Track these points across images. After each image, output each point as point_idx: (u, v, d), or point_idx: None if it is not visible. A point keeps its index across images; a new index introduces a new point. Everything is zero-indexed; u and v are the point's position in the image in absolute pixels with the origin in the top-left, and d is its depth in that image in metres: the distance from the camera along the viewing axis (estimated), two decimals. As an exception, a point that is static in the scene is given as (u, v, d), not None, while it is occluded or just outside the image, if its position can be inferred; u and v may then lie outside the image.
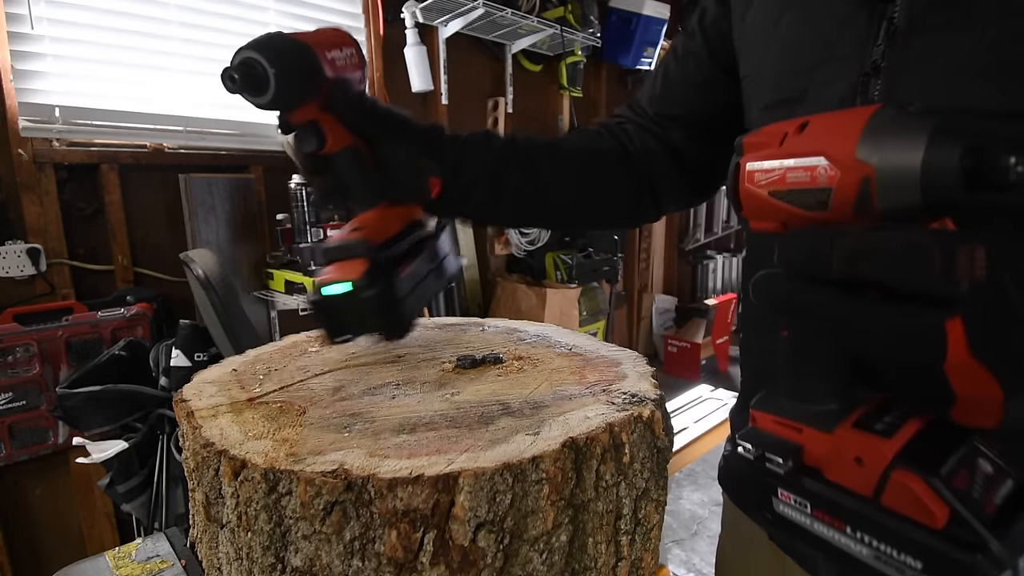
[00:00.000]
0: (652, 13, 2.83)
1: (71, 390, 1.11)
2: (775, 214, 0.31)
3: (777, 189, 0.31)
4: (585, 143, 0.65)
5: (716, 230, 4.35)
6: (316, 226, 1.68)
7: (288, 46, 0.46)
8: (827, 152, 0.29)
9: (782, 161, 0.31)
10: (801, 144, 0.30)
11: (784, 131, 0.32)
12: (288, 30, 0.49)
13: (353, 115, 0.49)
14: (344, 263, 0.47)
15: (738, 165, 0.33)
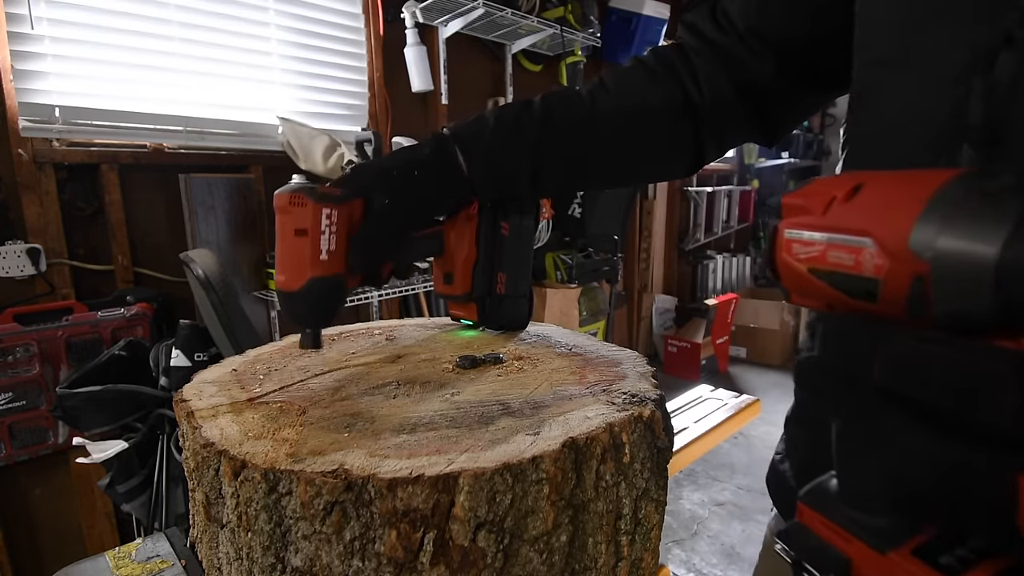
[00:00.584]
0: (652, 13, 2.83)
1: (71, 390, 1.11)
2: (817, 294, 0.27)
3: (818, 267, 0.26)
4: (636, 98, 0.54)
5: (716, 230, 4.35)
6: (316, 226, 1.68)
7: (313, 304, 0.47)
8: (875, 233, 0.23)
9: (824, 235, 0.26)
10: (848, 216, 0.25)
11: (832, 194, 0.26)
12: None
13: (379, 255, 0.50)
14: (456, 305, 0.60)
15: (776, 229, 0.28)
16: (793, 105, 0.55)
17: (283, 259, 0.46)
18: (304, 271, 0.45)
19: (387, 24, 2.06)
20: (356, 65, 2.05)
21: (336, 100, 2.03)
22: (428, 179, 0.50)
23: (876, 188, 0.25)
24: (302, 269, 0.45)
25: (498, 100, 2.48)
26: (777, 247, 0.28)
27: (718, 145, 0.57)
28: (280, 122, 1.79)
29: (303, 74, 1.92)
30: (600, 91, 0.55)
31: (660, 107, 0.54)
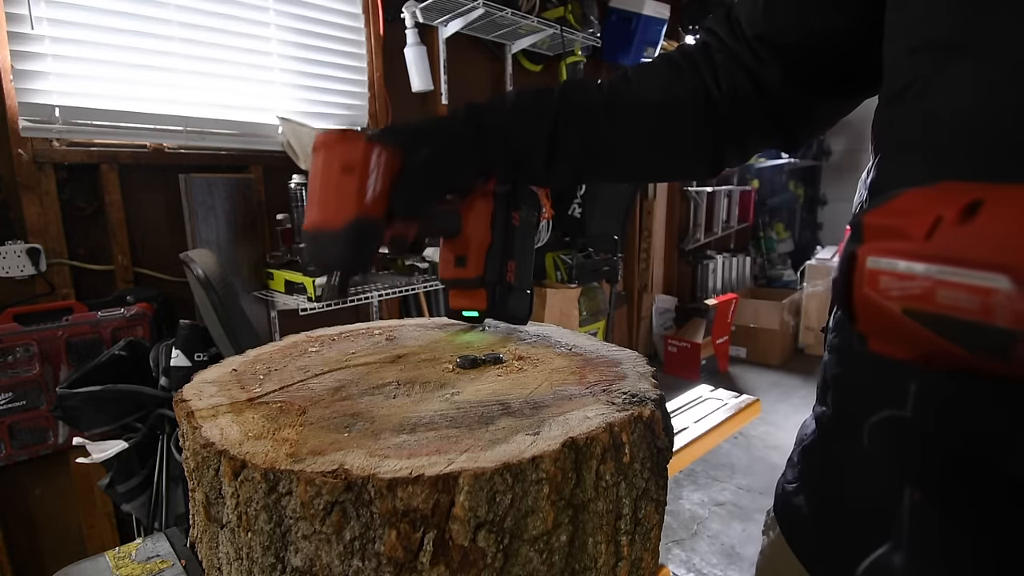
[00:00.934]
0: (652, 13, 2.83)
1: (71, 390, 1.11)
2: (912, 340, 0.21)
3: (918, 309, 0.20)
4: (657, 91, 0.54)
5: (716, 230, 4.35)
6: (316, 226, 1.68)
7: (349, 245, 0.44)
8: (1014, 269, 0.17)
9: (931, 267, 0.20)
10: (967, 244, 0.19)
11: (937, 212, 0.20)
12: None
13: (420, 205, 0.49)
14: (466, 293, 0.56)
15: (854, 256, 0.22)
16: (807, 114, 0.53)
17: (324, 197, 0.44)
18: (349, 209, 0.43)
19: (387, 24, 2.06)
20: (356, 65, 2.06)
21: (336, 100, 2.03)
22: (460, 142, 0.51)
23: (1006, 207, 0.19)
24: (347, 207, 0.43)
25: (498, 100, 2.48)
26: (856, 280, 0.22)
27: (739, 145, 0.56)
28: (280, 122, 1.79)
29: (303, 74, 1.92)
30: (621, 81, 0.55)
31: (681, 101, 0.53)
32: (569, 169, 0.55)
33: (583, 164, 0.55)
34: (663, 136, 0.55)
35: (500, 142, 0.52)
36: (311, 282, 1.57)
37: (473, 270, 0.55)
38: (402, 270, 1.93)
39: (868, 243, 0.22)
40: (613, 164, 0.56)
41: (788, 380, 3.72)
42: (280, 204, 1.75)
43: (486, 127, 0.51)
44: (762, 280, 5.05)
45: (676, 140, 0.55)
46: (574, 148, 0.53)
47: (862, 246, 0.22)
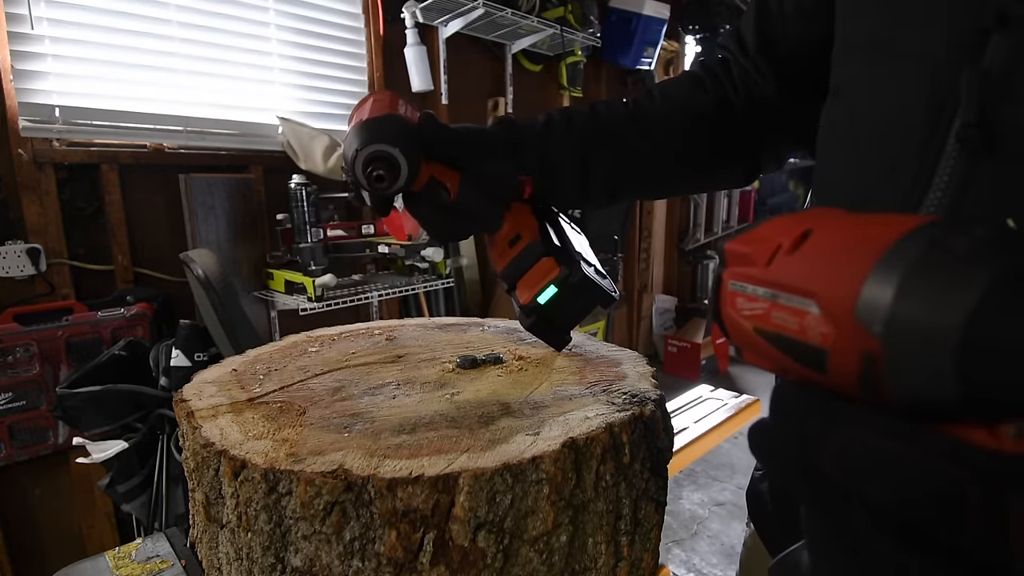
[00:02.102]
0: (652, 13, 2.83)
1: (71, 390, 1.11)
2: (766, 355, 0.23)
3: (762, 327, 0.22)
4: (682, 103, 0.55)
5: (716, 230, 4.35)
6: (316, 226, 1.68)
7: (394, 124, 0.46)
8: (819, 295, 0.19)
9: (767, 290, 0.22)
10: (791, 270, 0.21)
11: (778, 241, 0.22)
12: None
13: (451, 147, 0.49)
14: (531, 272, 0.49)
15: (720, 279, 0.25)
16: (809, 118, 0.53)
17: (361, 112, 0.47)
18: (384, 110, 0.47)
19: (387, 24, 2.06)
20: (356, 65, 2.05)
21: (336, 100, 2.03)
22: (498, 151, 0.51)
23: (825, 237, 0.21)
24: (383, 109, 0.47)
25: (498, 100, 2.48)
26: (721, 300, 0.24)
27: (771, 152, 0.57)
28: (280, 122, 1.79)
29: (303, 74, 1.92)
30: (645, 96, 0.56)
31: (706, 112, 0.54)
32: (604, 188, 0.54)
33: (617, 182, 0.54)
34: (692, 148, 0.55)
35: (534, 158, 0.52)
36: (311, 282, 1.57)
37: (530, 236, 0.50)
38: (402, 270, 1.93)
39: (729, 267, 0.24)
40: (646, 179, 0.56)
41: (788, 380, 3.71)
42: (280, 204, 1.75)
43: (521, 141, 0.52)
44: (762, 280, 5.05)
45: (705, 151, 0.55)
46: (607, 166, 0.53)
47: (725, 270, 0.24)
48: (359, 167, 0.44)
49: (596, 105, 0.55)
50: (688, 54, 3.69)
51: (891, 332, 0.17)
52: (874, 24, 0.38)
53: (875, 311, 0.17)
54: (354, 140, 0.45)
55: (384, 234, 1.85)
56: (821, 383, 0.20)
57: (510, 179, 0.51)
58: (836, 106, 0.42)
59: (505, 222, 0.51)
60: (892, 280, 0.17)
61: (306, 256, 1.66)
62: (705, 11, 3.33)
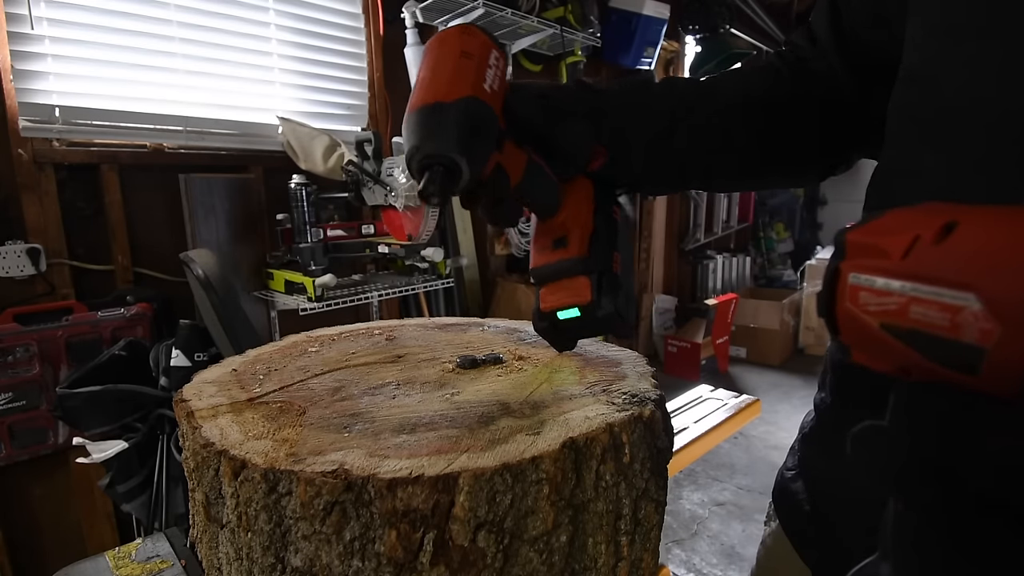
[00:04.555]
0: (652, 13, 2.83)
1: (71, 390, 1.11)
2: (890, 355, 0.21)
3: (894, 324, 0.21)
4: (756, 96, 0.51)
5: (716, 230, 4.35)
6: (316, 226, 1.68)
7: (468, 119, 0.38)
8: (983, 289, 0.18)
9: (904, 284, 0.20)
10: (941, 263, 0.20)
11: (915, 232, 0.21)
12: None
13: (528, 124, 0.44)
14: (563, 283, 0.46)
15: (837, 271, 0.23)
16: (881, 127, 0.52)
17: (436, 77, 0.39)
18: (464, 88, 0.38)
19: (387, 24, 2.06)
20: (356, 65, 2.05)
21: (336, 100, 2.03)
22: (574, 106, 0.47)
23: (979, 228, 0.19)
24: (462, 86, 0.38)
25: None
26: (839, 294, 0.23)
27: (843, 154, 0.54)
28: (280, 122, 1.79)
29: (303, 74, 1.92)
30: (718, 81, 0.53)
31: (792, 100, 0.51)
32: (675, 168, 0.51)
33: (690, 164, 0.51)
34: (776, 140, 0.52)
35: (610, 122, 0.47)
36: (311, 282, 1.57)
37: (576, 249, 0.46)
38: (402, 270, 1.93)
39: (850, 259, 0.23)
40: (721, 166, 0.52)
41: (788, 380, 3.72)
42: (280, 204, 1.75)
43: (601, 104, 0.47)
44: (762, 280, 5.05)
45: (787, 144, 0.52)
46: (684, 151, 0.50)
47: (844, 262, 0.23)
48: (414, 167, 0.38)
49: (678, 83, 0.51)
50: (688, 54, 3.69)
51: None
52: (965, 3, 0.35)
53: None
54: (415, 131, 0.37)
55: (384, 234, 1.85)
56: (965, 384, 0.19)
57: (582, 148, 0.46)
58: (910, 91, 0.40)
59: (561, 209, 0.47)
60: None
61: (306, 256, 1.66)
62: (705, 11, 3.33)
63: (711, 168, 0.52)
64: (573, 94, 0.47)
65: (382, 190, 1.62)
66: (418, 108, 0.38)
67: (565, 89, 0.47)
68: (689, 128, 0.49)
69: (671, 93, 0.50)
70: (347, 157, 1.68)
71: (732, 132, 0.50)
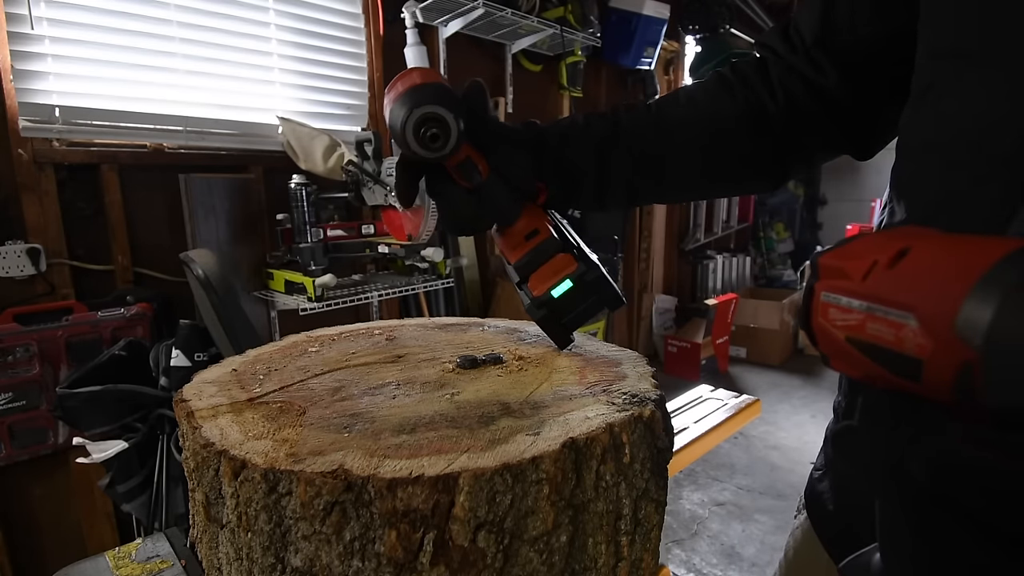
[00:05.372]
0: (652, 13, 2.83)
1: (71, 390, 1.11)
2: (856, 364, 0.24)
3: (856, 337, 0.24)
4: (707, 108, 0.54)
5: (716, 230, 4.35)
6: (316, 226, 1.69)
7: (446, 91, 0.46)
8: (918, 310, 0.21)
9: (863, 303, 0.23)
10: (889, 286, 0.22)
11: (874, 257, 0.24)
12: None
13: (483, 133, 0.49)
14: (547, 266, 0.50)
15: (812, 290, 0.26)
16: (872, 119, 0.52)
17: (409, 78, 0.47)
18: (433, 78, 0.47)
19: (387, 24, 2.06)
20: (356, 65, 2.05)
21: (336, 100, 2.03)
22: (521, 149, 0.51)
23: (923, 255, 0.22)
24: (432, 77, 0.47)
25: (498, 100, 2.48)
26: (813, 310, 0.26)
27: (804, 158, 0.56)
28: (280, 122, 1.79)
29: (303, 74, 1.92)
30: (669, 100, 0.55)
31: (731, 116, 0.53)
32: (623, 190, 0.55)
33: (638, 184, 0.55)
34: (715, 153, 0.54)
35: (553, 159, 0.52)
36: (311, 282, 1.57)
37: (548, 233, 0.51)
38: (402, 270, 1.93)
39: (822, 280, 0.26)
40: (667, 183, 0.56)
41: (788, 380, 3.72)
42: (280, 204, 1.75)
43: (542, 144, 0.52)
44: (762, 280, 5.05)
45: (729, 156, 0.54)
46: (626, 169, 0.53)
47: (818, 282, 0.26)
48: (411, 128, 0.44)
49: (618, 109, 0.55)
50: (688, 54, 3.69)
51: (992, 345, 0.18)
52: (963, 30, 0.37)
53: (975, 326, 0.18)
54: (405, 102, 0.44)
55: (384, 234, 1.85)
56: (913, 391, 0.21)
57: (529, 181, 0.51)
58: (922, 108, 0.41)
59: (522, 217, 0.51)
60: (992, 298, 0.18)
61: (306, 256, 1.66)
62: (705, 11, 3.33)
63: (660, 189, 0.56)
64: (520, 131, 0.52)
65: (382, 190, 1.62)
66: (401, 93, 0.45)
67: (512, 126, 0.52)
68: (632, 158, 0.53)
69: (615, 127, 0.53)
70: (347, 157, 1.68)
71: (679, 156, 0.54)
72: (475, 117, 0.48)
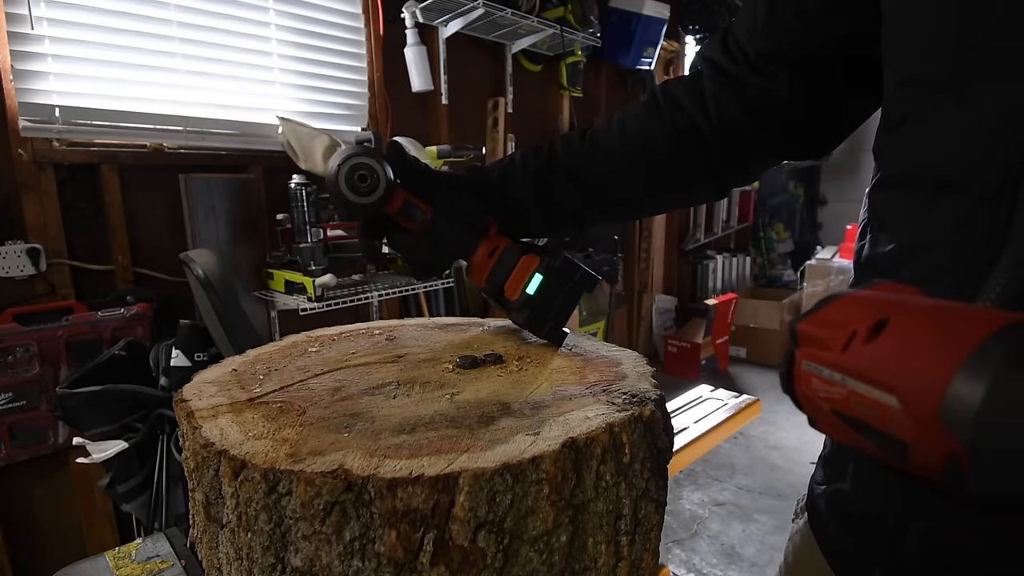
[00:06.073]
0: (652, 13, 2.83)
1: (71, 390, 1.11)
2: (843, 433, 0.23)
3: (841, 411, 0.23)
4: (637, 135, 0.55)
5: (716, 230, 4.35)
6: (316, 226, 1.68)
7: (368, 146, 0.52)
8: (901, 392, 0.19)
9: (844, 377, 0.22)
10: (869, 362, 0.21)
11: (853, 328, 0.22)
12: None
13: (420, 179, 0.52)
14: (515, 272, 0.53)
15: (792, 356, 0.25)
16: (829, 117, 0.52)
17: None
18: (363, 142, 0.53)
19: (387, 24, 2.06)
20: (356, 65, 2.05)
21: (336, 100, 2.03)
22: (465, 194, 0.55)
23: (903, 329, 0.21)
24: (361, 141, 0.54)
25: (498, 100, 2.48)
26: (795, 378, 0.25)
27: (740, 168, 0.57)
28: (280, 122, 1.79)
29: (303, 74, 1.92)
30: (602, 128, 0.57)
31: (661, 139, 0.54)
32: (570, 219, 0.58)
33: (583, 212, 0.57)
34: (651, 175, 0.56)
35: (496, 197, 0.55)
36: (311, 282, 1.57)
37: (506, 242, 0.54)
38: (402, 270, 1.93)
39: (802, 347, 0.25)
40: (611, 208, 0.58)
41: (788, 380, 3.71)
42: (280, 204, 1.75)
43: (484, 184, 0.56)
44: (762, 280, 5.05)
45: (665, 177, 0.56)
46: (568, 199, 0.56)
47: (798, 350, 0.25)
48: (343, 178, 0.48)
49: (554, 141, 0.57)
50: (688, 54, 3.69)
51: (979, 437, 0.17)
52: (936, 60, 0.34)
53: (961, 415, 0.17)
54: (335, 160, 0.49)
55: (384, 234, 1.84)
56: (902, 469, 0.20)
57: (478, 216, 0.54)
58: (898, 137, 0.40)
59: (480, 245, 0.54)
60: (979, 383, 0.17)
61: (306, 256, 1.66)
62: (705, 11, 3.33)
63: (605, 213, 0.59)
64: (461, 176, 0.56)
65: (382, 190, 1.62)
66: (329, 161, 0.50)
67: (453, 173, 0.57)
68: (573, 187, 0.56)
69: (550, 160, 0.56)
70: (347, 157, 1.67)
71: (617, 182, 0.56)
72: (410, 168, 0.52)
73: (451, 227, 0.53)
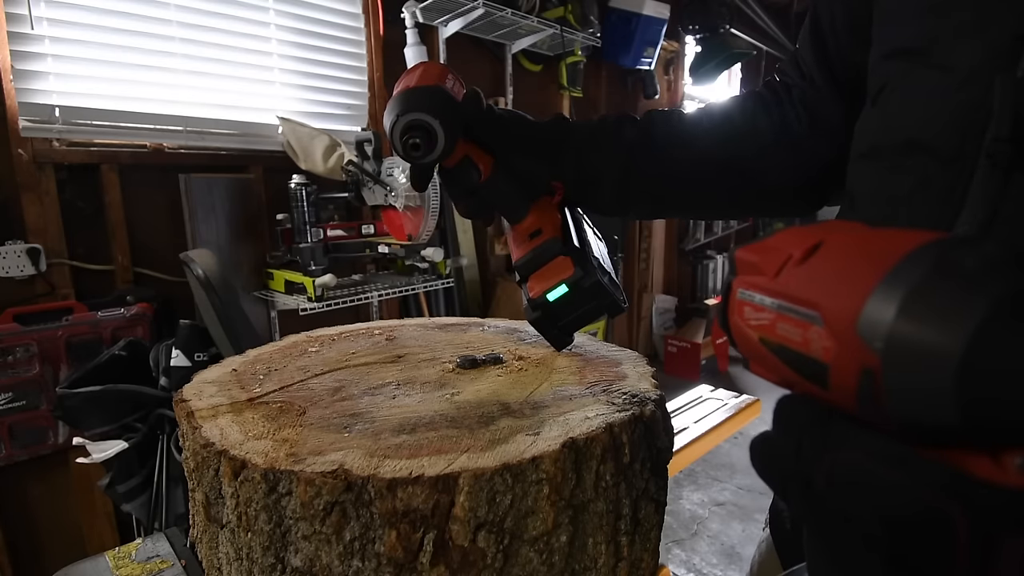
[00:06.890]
0: (652, 13, 2.83)
1: (71, 390, 1.11)
2: (771, 367, 0.23)
3: (768, 338, 0.22)
4: (739, 125, 0.52)
5: (716, 230, 4.35)
6: (316, 226, 1.68)
7: (438, 96, 0.45)
8: (824, 308, 0.19)
9: (773, 300, 0.22)
10: (798, 283, 0.21)
11: (789, 252, 0.22)
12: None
13: (489, 132, 0.49)
14: (546, 268, 0.49)
15: (729, 286, 0.25)
16: None
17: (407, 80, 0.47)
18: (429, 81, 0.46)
19: (387, 24, 2.06)
20: (356, 65, 2.05)
21: (336, 100, 2.03)
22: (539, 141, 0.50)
23: (834, 249, 0.20)
24: (427, 79, 0.46)
25: (498, 100, 2.48)
26: (730, 308, 0.24)
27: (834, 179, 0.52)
28: (280, 122, 1.79)
29: (303, 74, 1.92)
30: (703, 112, 0.54)
31: (765, 133, 0.51)
32: (647, 204, 0.53)
33: (663, 194, 0.53)
34: (742, 176, 0.52)
35: (573, 160, 0.51)
36: (311, 282, 1.57)
37: (551, 233, 0.50)
38: (402, 270, 1.93)
39: (739, 276, 0.24)
40: (692, 200, 0.54)
41: (788, 380, 3.71)
42: (280, 204, 1.75)
43: (565, 143, 0.51)
44: (762, 280, 5.05)
45: (753, 180, 0.52)
46: (652, 178, 0.52)
47: (735, 278, 0.24)
48: (396, 134, 0.44)
49: (653, 115, 0.53)
50: (688, 54, 3.69)
51: (891, 349, 0.16)
52: (910, 30, 0.36)
53: (876, 327, 0.17)
54: (395, 106, 0.45)
55: (384, 234, 1.85)
56: (823, 398, 0.20)
57: (541, 180, 0.51)
58: (871, 115, 0.41)
59: (529, 215, 0.51)
60: (895, 297, 0.17)
61: (306, 256, 1.66)
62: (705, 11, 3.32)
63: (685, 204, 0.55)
64: (541, 127, 0.51)
65: (382, 190, 1.62)
66: (395, 95, 0.46)
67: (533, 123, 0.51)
68: (661, 169, 0.51)
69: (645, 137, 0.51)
70: (347, 157, 1.68)
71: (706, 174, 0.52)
72: (482, 118, 0.48)
73: (505, 190, 0.50)
